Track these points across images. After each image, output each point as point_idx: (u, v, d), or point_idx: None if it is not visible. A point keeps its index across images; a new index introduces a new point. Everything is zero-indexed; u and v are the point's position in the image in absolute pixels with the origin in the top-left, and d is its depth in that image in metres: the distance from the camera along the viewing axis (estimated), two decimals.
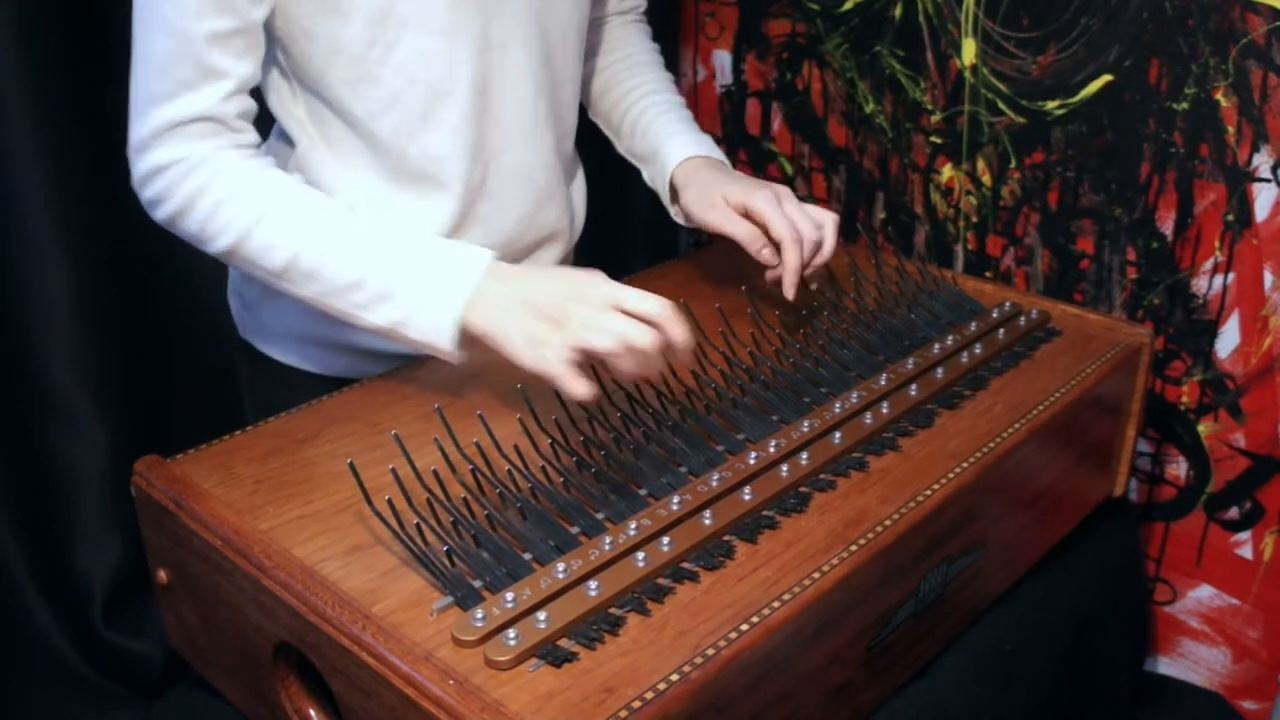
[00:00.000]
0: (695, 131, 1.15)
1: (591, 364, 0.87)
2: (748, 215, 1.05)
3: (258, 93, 0.96)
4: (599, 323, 0.84)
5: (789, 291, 1.04)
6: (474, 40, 0.95)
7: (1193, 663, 1.38)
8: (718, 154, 1.13)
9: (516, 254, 1.07)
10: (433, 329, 0.89)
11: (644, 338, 0.84)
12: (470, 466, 0.83)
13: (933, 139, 1.41)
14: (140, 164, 0.91)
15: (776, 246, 1.05)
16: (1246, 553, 1.30)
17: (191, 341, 1.43)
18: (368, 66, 0.93)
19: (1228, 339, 1.24)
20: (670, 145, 1.12)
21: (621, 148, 1.18)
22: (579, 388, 0.85)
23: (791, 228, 1.03)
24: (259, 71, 0.92)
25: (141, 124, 0.90)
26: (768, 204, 1.04)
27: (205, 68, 0.88)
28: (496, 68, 0.97)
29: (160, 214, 0.93)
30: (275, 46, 0.96)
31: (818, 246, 1.05)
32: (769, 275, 1.07)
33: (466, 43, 0.94)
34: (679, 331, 0.86)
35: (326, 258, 0.90)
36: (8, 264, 1.27)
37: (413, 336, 0.90)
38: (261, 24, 0.90)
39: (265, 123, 1.04)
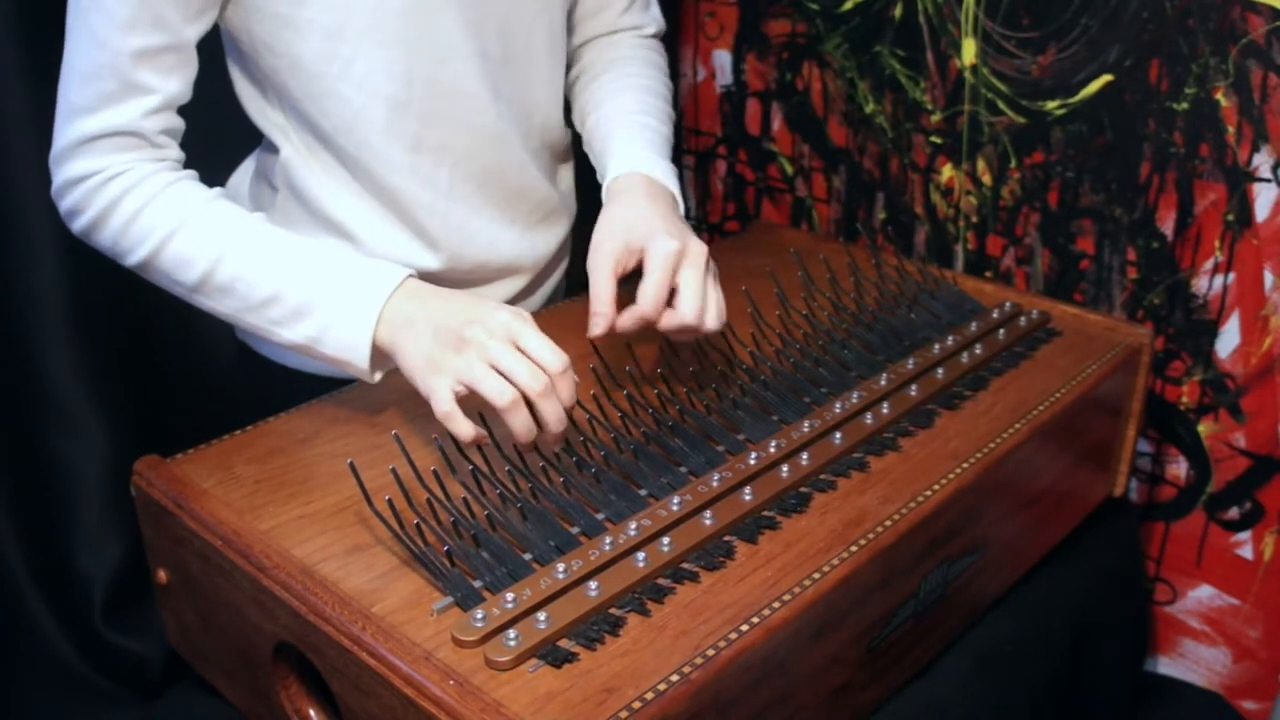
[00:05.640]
0: (643, 147, 1.03)
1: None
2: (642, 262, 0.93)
3: (232, 108, 0.95)
4: (492, 354, 0.81)
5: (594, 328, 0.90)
6: (429, 51, 0.94)
7: (1193, 663, 1.38)
8: (662, 174, 1.01)
9: (496, 267, 1.07)
10: (347, 346, 0.88)
11: (533, 381, 0.81)
12: (470, 466, 0.83)
13: (933, 139, 1.41)
14: (59, 174, 0.90)
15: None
16: (1246, 553, 1.29)
17: (191, 342, 1.43)
18: (328, 83, 0.92)
19: (1228, 339, 1.24)
20: (609, 163, 1.03)
21: (599, 178, 1.07)
22: (463, 430, 0.82)
23: (657, 302, 0.90)
24: (188, 90, 0.91)
25: (62, 135, 0.89)
26: (661, 261, 0.90)
27: (130, 83, 0.87)
28: (453, 77, 0.96)
29: (77, 225, 0.92)
30: (246, 59, 0.96)
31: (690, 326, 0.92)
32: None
33: (423, 52, 0.94)
34: (566, 390, 0.83)
35: (242, 272, 0.88)
36: (8, 264, 1.27)
37: (328, 353, 0.89)
38: (194, 43, 0.89)
39: (246, 134, 1.04)
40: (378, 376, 0.90)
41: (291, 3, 0.89)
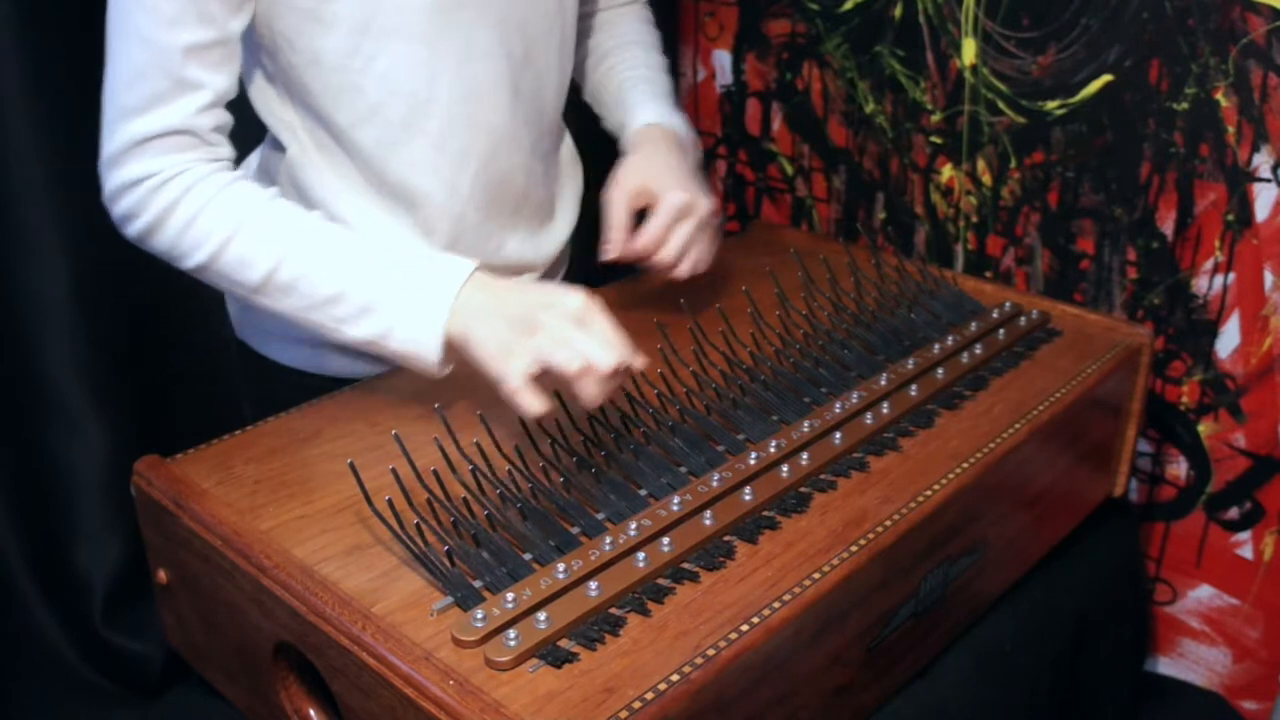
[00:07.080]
0: (661, 101, 1.12)
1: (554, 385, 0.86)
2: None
3: (240, 103, 0.95)
4: (565, 336, 0.83)
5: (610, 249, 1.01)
6: (455, 49, 0.94)
7: (1193, 663, 1.38)
8: (679, 126, 1.11)
9: (500, 268, 1.07)
10: (417, 340, 0.87)
11: (606, 360, 0.82)
12: (470, 466, 0.83)
13: (933, 139, 1.41)
14: (111, 179, 0.89)
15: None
16: (1246, 553, 1.30)
17: (191, 341, 1.43)
18: (349, 76, 0.92)
19: (1228, 339, 1.24)
20: (632, 115, 1.11)
21: (605, 125, 1.17)
22: (532, 404, 0.83)
23: (652, 243, 1.00)
24: (235, 85, 0.90)
25: (113, 138, 0.88)
26: (667, 210, 1.00)
27: (180, 80, 0.86)
28: (478, 76, 0.96)
29: (132, 230, 0.91)
30: (261, 53, 0.95)
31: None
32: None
33: (447, 52, 0.93)
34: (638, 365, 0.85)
35: (305, 270, 0.88)
36: (8, 264, 1.27)
37: (396, 348, 0.88)
38: (239, 35, 0.89)
39: (253, 129, 1.04)
40: (447, 369, 0.90)
41: None
